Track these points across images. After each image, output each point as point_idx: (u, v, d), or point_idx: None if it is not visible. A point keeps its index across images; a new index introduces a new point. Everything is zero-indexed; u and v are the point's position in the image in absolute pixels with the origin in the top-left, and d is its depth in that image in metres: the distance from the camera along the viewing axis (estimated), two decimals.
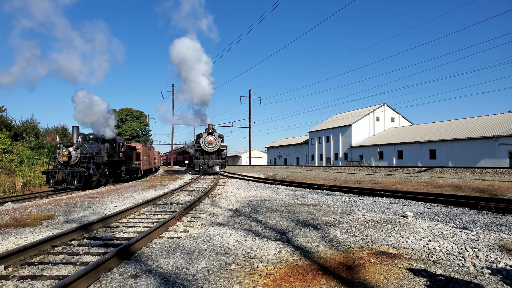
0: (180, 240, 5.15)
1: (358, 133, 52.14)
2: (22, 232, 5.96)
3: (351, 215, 7.07)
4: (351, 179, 18.81)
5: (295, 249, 4.62)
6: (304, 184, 15.36)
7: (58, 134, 30.96)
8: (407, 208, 7.92)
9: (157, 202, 9.74)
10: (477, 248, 4.40)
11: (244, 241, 5.06)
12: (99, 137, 18.85)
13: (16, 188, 16.85)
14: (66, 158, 15.13)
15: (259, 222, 6.58)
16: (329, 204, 8.97)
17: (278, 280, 3.52)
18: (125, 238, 5.34)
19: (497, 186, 12.17)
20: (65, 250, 4.68)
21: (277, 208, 8.39)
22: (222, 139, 25.14)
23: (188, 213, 7.72)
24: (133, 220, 6.98)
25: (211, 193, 12.16)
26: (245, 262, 4.09)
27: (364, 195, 10.97)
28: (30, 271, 3.85)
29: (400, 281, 3.44)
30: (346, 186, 14.09)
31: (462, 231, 5.33)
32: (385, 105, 54.50)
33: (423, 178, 17.47)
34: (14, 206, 9.54)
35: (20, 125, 27.35)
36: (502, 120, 35.53)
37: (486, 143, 32.34)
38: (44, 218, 7.31)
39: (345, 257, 4.24)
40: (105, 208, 8.70)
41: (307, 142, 64.38)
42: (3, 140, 20.84)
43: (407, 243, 4.80)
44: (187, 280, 3.51)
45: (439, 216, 6.66)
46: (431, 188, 12.80)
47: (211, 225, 6.35)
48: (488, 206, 7.51)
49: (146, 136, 66.04)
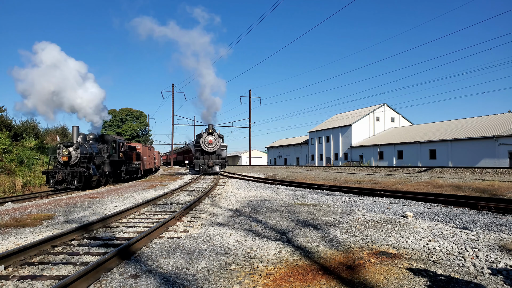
0: (180, 240, 5.15)
1: (358, 133, 52.15)
2: (22, 232, 5.96)
3: (351, 215, 7.07)
4: (351, 179, 18.81)
5: (295, 249, 4.61)
6: (304, 184, 15.36)
7: (58, 134, 30.96)
8: (407, 208, 7.92)
9: (157, 202, 9.74)
10: (477, 248, 4.40)
11: (244, 241, 5.06)
12: (99, 137, 18.86)
13: (16, 188, 16.85)
14: (66, 158, 15.13)
15: (259, 222, 6.58)
16: (329, 204, 8.97)
17: (278, 280, 3.51)
18: (125, 238, 5.34)
19: (497, 186, 12.17)
20: (65, 250, 4.68)
21: (277, 208, 8.38)
22: (222, 139, 25.15)
23: (188, 213, 7.72)
24: (133, 220, 6.98)
25: (211, 193, 12.16)
26: (245, 262, 4.09)
27: (364, 195, 10.97)
28: (30, 271, 3.84)
29: (400, 281, 3.44)
30: (346, 186, 14.09)
31: (462, 231, 5.32)
32: (385, 105, 54.53)
33: (423, 178, 17.47)
34: (14, 206, 9.54)
35: (20, 125, 27.34)
36: (502, 120, 35.55)
37: (486, 143, 32.34)
38: (44, 218, 7.30)
39: (345, 257, 4.24)
40: (105, 208, 8.70)
41: (307, 142, 64.38)
42: (3, 140, 20.83)
43: (407, 243, 4.80)
44: (187, 280, 3.51)
45: (439, 216, 6.65)
46: (431, 188, 12.80)
47: (211, 225, 6.35)
48: (488, 206, 7.51)
49: (146, 136, 66.06)
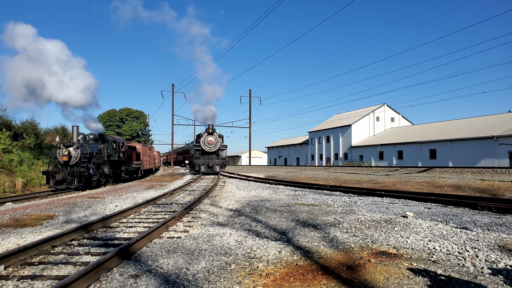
0: (180, 240, 5.15)
1: (358, 133, 52.14)
2: (22, 232, 5.96)
3: (351, 215, 7.07)
4: (351, 179, 18.81)
5: (295, 249, 4.61)
6: (304, 184, 15.35)
7: (58, 134, 30.96)
8: (407, 208, 7.92)
9: (157, 202, 9.74)
10: (477, 248, 4.40)
11: (244, 241, 5.06)
12: (99, 137, 18.86)
13: (16, 188, 16.85)
14: (66, 158, 15.13)
15: (259, 222, 6.57)
16: (329, 204, 8.97)
17: (278, 280, 3.51)
18: (125, 238, 5.34)
19: (497, 186, 12.17)
20: (65, 250, 4.68)
21: (277, 208, 8.38)
22: (222, 139, 25.14)
23: (188, 213, 7.72)
24: (133, 220, 6.97)
25: (211, 193, 12.15)
26: (245, 262, 4.09)
27: (364, 195, 10.96)
28: (30, 271, 3.84)
29: (400, 281, 3.44)
30: (346, 186, 14.09)
31: (462, 231, 5.32)
32: (385, 105, 54.52)
33: (423, 178, 17.47)
34: (14, 206, 9.53)
35: (20, 125, 27.32)
36: (502, 120, 35.54)
37: (486, 143, 32.34)
38: (44, 218, 7.30)
39: (345, 257, 4.24)
40: (105, 208, 8.70)
41: (307, 142, 64.37)
42: (3, 140, 20.83)
43: (407, 243, 4.80)
44: (187, 280, 3.50)
45: (439, 216, 6.65)
46: (431, 188, 12.80)
47: (211, 225, 6.35)
48: (488, 206, 7.51)
49: (146, 136, 66.05)
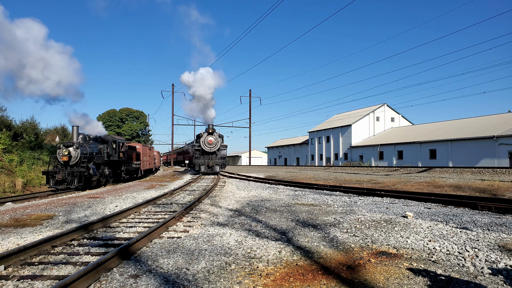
0: (180, 240, 5.15)
1: (358, 133, 52.13)
2: (22, 232, 5.96)
3: (351, 215, 7.07)
4: (351, 179, 18.81)
5: (295, 249, 4.61)
6: (304, 184, 15.35)
7: (58, 134, 30.97)
8: (407, 208, 7.92)
9: (157, 202, 9.74)
10: (477, 248, 4.40)
11: (244, 241, 5.06)
12: (99, 137, 18.86)
13: (16, 188, 16.85)
14: (66, 158, 15.13)
15: (259, 222, 6.57)
16: (329, 204, 8.97)
17: (278, 280, 3.51)
18: (125, 238, 5.34)
19: (497, 186, 12.17)
20: (65, 250, 4.68)
21: (277, 208, 8.38)
22: (222, 139, 25.15)
23: (188, 213, 7.72)
24: (133, 220, 6.98)
25: (211, 193, 12.15)
26: (245, 262, 4.09)
27: (364, 195, 10.96)
28: (30, 271, 3.84)
29: (400, 281, 3.44)
30: (346, 186, 14.09)
31: (462, 231, 5.32)
32: (385, 105, 54.51)
33: (423, 178, 17.47)
34: (14, 206, 9.53)
35: (20, 125, 27.33)
36: (502, 120, 35.54)
37: (486, 143, 32.34)
38: (44, 218, 7.30)
39: (345, 257, 4.24)
40: (105, 208, 8.70)
41: (307, 142, 64.37)
42: (3, 140, 20.83)
43: (407, 243, 4.80)
44: (187, 280, 3.50)
45: (439, 216, 6.65)
46: (431, 188, 12.80)
47: (211, 225, 6.35)
48: (488, 206, 7.51)
49: (146, 136, 66.02)
